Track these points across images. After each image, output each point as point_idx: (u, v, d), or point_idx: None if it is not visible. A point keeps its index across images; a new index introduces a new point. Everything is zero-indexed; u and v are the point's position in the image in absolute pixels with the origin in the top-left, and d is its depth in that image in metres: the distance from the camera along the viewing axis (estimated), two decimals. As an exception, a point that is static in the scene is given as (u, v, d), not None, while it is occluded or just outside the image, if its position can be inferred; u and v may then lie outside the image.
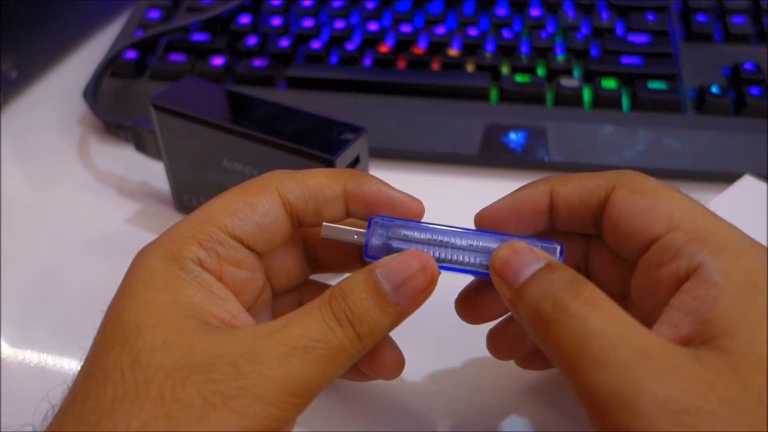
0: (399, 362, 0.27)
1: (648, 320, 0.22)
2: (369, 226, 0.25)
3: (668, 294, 0.22)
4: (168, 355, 0.21)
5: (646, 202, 0.24)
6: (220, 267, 0.24)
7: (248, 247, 0.25)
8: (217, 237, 0.24)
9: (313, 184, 0.26)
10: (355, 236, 0.26)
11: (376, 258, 0.25)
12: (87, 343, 0.23)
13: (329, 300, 0.23)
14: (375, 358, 0.26)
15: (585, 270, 0.28)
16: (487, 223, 0.27)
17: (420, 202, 0.27)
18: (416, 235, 0.25)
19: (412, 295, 0.24)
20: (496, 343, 0.28)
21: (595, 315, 0.21)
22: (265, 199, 0.25)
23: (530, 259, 0.23)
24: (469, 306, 0.28)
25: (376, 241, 0.25)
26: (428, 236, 0.25)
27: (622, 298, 0.25)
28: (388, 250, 0.25)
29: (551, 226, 0.27)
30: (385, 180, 0.27)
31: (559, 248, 0.25)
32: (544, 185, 0.26)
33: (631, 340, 0.20)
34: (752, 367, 0.19)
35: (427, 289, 0.24)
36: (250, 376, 0.21)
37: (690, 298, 0.21)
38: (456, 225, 0.26)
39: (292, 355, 0.22)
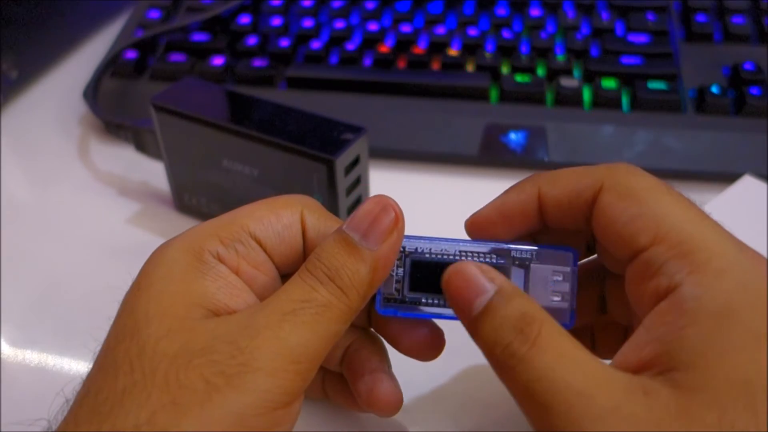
0: (395, 400, 0.27)
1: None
2: None
3: (649, 310, 0.22)
4: (171, 342, 0.21)
5: (631, 210, 0.22)
6: (238, 264, 0.24)
7: (267, 253, 0.25)
8: (238, 236, 0.25)
9: (332, 226, 0.26)
10: None
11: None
12: (88, 342, 0.23)
13: (306, 265, 0.23)
14: (372, 390, 0.26)
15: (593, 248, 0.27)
16: (477, 229, 0.26)
17: None
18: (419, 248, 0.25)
19: (382, 237, 0.24)
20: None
21: (541, 358, 0.20)
22: (289, 213, 0.26)
23: (480, 287, 0.22)
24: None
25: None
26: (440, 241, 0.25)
27: None
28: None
29: (544, 225, 0.26)
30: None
31: (572, 256, 0.25)
32: (532, 186, 0.26)
33: (574, 381, 0.20)
34: (702, 404, 0.19)
35: (395, 226, 0.24)
36: (247, 350, 0.21)
37: (660, 323, 0.21)
38: (450, 237, 0.26)
39: (283, 321, 0.22)
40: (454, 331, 0.34)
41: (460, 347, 0.33)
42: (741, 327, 0.19)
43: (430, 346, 0.27)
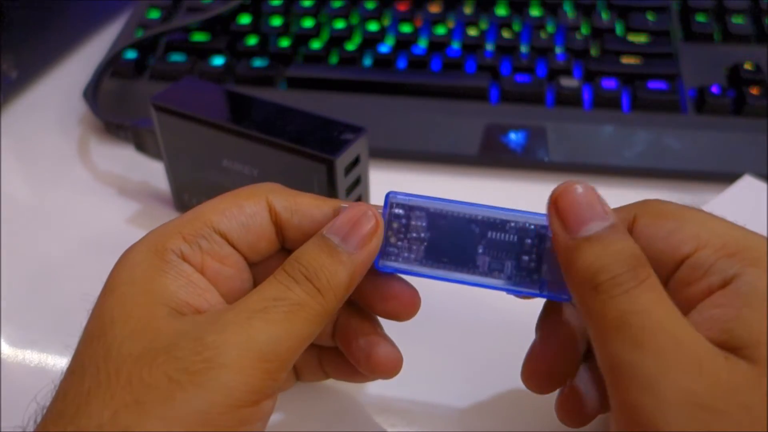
0: (395, 359, 0.27)
1: None
2: (386, 203, 0.25)
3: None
4: (135, 342, 0.21)
5: (670, 225, 0.23)
6: (203, 260, 0.24)
7: (233, 245, 0.25)
8: (201, 232, 0.24)
9: (302, 201, 0.26)
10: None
11: (396, 204, 0.25)
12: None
13: (284, 266, 0.24)
14: (370, 355, 0.26)
15: None
16: None
17: None
18: (434, 204, 0.25)
19: (362, 242, 0.24)
20: (566, 410, 0.27)
21: (645, 296, 0.21)
22: (253, 203, 0.25)
23: (597, 213, 0.22)
24: (537, 373, 0.27)
25: (395, 194, 0.25)
26: (446, 206, 0.25)
27: None
28: (410, 199, 0.25)
29: None
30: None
31: None
32: None
33: (670, 326, 0.20)
34: None
35: (374, 232, 0.24)
36: (212, 346, 0.21)
37: (712, 306, 0.21)
38: (472, 202, 0.25)
39: (252, 317, 0.22)
40: (453, 330, 0.34)
41: (460, 346, 0.33)
42: None
43: (408, 305, 0.27)
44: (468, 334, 0.34)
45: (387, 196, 0.25)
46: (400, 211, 0.25)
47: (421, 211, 0.25)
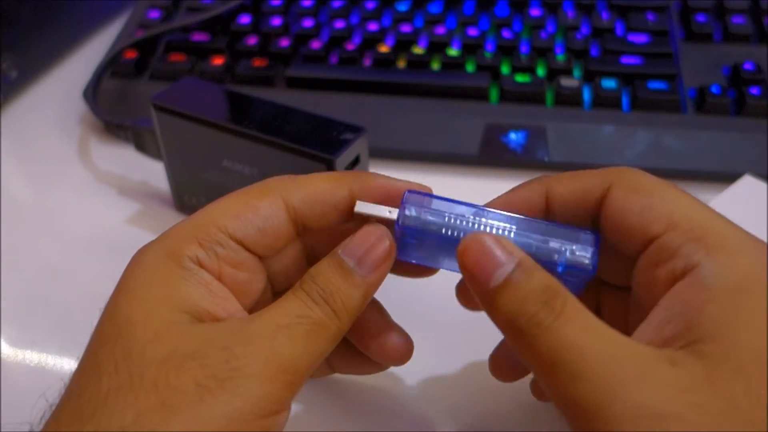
0: (407, 346, 0.27)
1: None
2: (403, 201, 0.25)
3: (664, 292, 0.22)
4: (160, 346, 0.21)
5: (643, 201, 0.23)
6: (219, 267, 0.24)
7: (249, 250, 0.25)
8: (216, 238, 0.24)
9: (318, 189, 0.26)
10: (389, 212, 0.26)
11: (407, 229, 0.25)
12: (87, 343, 0.23)
13: (302, 284, 0.24)
14: (382, 343, 0.27)
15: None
16: None
17: (428, 188, 0.27)
18: (451, 207, 0.25)
19: (375, 266, 0.24)
20: (498, 365, 0.29)
21: (569, 327, 0.21)
22: (268, 204, 0.25)
23: (500, 258, 0.22)
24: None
25: (409, 212, 0.25)
26: (464, 211, 0.25)
27: (626, 290, 0.26)
28: (422, 222, 0.25)
29: None
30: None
31: (594, 238, 0.24)
32: (540, 184, 0.26)
33: (603, 349, 0.20)
34: (729, 373, 0.19)
35: (388, 257, 0.25)
36: (241, 357, 0.21)
37: (679, 301, 0.21)
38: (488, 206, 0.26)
39: (278, 332, 0.22)
40: (453, 329, 0.34)
41: (460, 346, 0.33)
42: (759, 300, 0.20)
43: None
44: (470, 335, 0.34)
45: (403, 201, 0.25)
46: (413, 229, 0.25)
47: (433, 232, 0.25)
